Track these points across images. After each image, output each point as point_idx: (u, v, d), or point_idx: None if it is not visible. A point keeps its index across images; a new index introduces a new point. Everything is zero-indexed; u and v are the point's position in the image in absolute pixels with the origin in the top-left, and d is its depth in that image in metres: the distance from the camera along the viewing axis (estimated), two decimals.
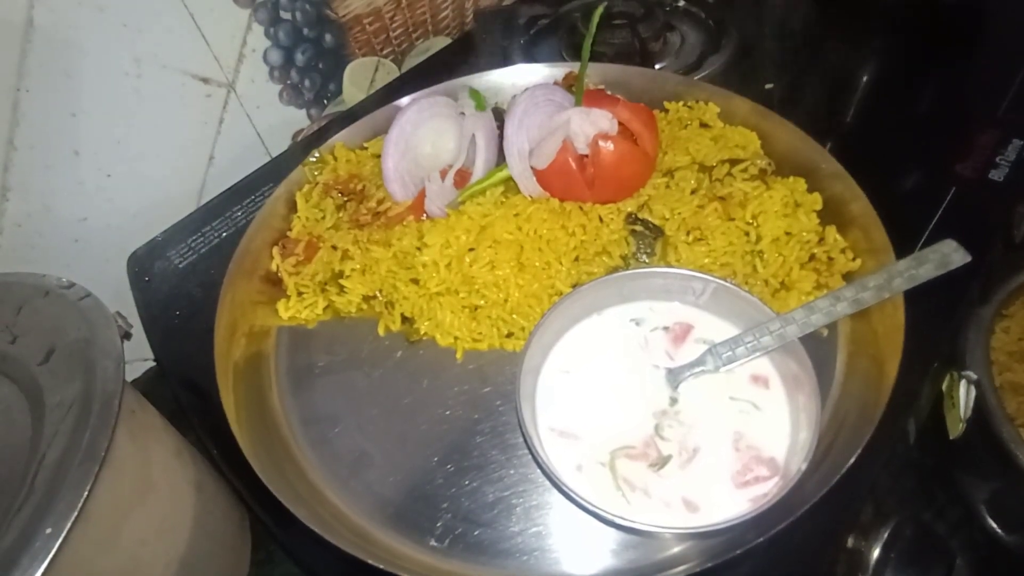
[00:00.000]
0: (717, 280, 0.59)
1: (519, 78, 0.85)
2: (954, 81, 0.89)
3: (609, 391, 0.58)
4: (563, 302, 0.59)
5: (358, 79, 1.02)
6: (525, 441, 0.55)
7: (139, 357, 0.85)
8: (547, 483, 0.57)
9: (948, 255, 0.57)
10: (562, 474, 0.53)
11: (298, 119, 0.99)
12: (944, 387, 0.71)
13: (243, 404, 0.63)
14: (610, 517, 0.50)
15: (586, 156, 0.69)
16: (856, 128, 0.84)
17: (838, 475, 0.50)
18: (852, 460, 0.51)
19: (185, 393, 0.68)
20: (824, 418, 0.57)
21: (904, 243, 0.64)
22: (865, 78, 0.91)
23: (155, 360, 0.83)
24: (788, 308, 0.62)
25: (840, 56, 0.93)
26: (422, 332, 0.69)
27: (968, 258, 0.56)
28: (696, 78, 0.89)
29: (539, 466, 0.55)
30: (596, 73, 0.82)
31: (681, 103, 0.81)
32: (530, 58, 0.96)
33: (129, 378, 0.50)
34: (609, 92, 0.76)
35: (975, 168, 0.76)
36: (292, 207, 0.78)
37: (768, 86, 0.89)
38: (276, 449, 0.62)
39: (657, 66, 0.94)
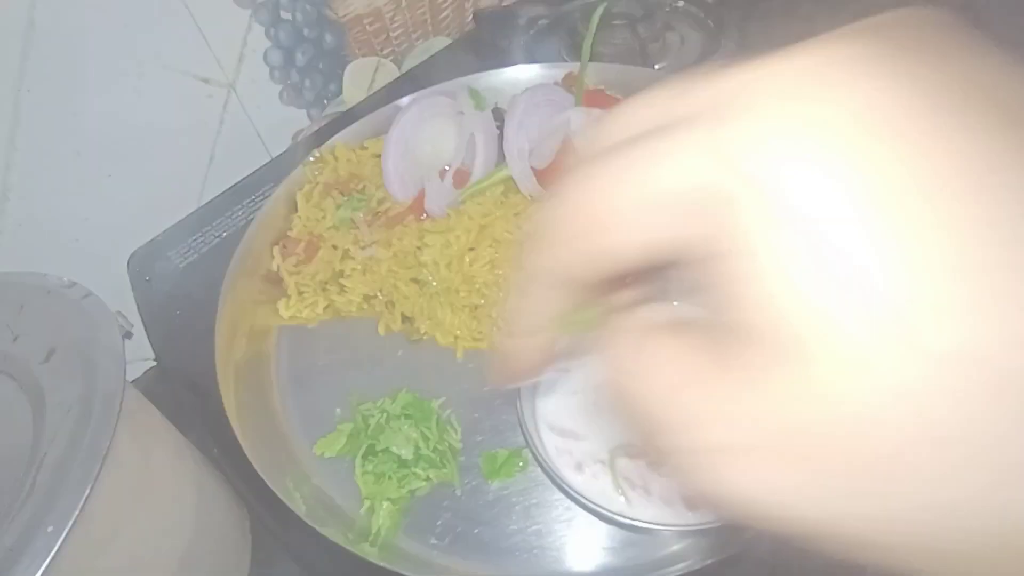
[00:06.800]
0: None
1: (519, 78, 0.85)
2: None
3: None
4: None
5: (358, 79, 1.02)
6: (525, 439, 0.55)
7: (139, 357, 0.85)
8: (547, 481, 0.57)
9: None
10: (562, 472, 0.53)
11: (298, 119, 0.99)
12: None
13: (244, 403, 0.63)
14: (610, 515, 0.50)
15: None
16: None
17: None
18: None
19: (185, 393, 0.68)
20: None
21: None
22: None
23: (155, 360, 0.83)
24: None
25: None
26: (422, 331, 0.69)
27: None
28: None
29: (539, 464, 0.55)
30: (596, 73, 0.82)
31: None
32: (530, 58, 0.95)
33: (129, 378, 0.50)
34: (609, 92, 0.76)
35: None
36: (292, 207, 0.78)
37: None
38: (277, 448, 0.62)
39: (657, 66, 0.94)
